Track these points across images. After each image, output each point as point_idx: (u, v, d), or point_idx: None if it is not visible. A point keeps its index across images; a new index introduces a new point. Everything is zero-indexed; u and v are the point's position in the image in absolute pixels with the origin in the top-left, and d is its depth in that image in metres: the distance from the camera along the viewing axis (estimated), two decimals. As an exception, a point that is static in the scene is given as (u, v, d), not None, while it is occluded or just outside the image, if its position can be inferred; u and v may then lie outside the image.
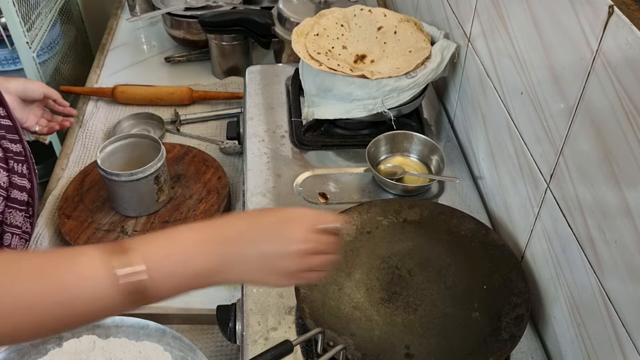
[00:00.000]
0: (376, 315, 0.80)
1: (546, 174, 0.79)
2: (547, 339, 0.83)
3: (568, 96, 0.72)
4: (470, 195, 1.03)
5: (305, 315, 0.76)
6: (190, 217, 1.13)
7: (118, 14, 1.89)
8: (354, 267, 0.86)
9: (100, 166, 1.07)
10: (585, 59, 0.68)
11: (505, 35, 0.89)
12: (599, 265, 0.68)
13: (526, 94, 0.84)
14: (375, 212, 0.92)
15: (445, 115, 1.22)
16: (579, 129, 0.71)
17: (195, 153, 1.27)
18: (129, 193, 1.09)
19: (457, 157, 1.11)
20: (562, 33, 0.73)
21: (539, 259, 0.84)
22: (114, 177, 1.07)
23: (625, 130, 0.61)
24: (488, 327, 0.77)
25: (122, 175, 1.07)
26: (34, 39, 1.54)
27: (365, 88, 1.05)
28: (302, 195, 1.01)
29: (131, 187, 1.08)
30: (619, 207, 0.63)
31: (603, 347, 0.68)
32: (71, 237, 1.09)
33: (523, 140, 0.86)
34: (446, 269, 0.86)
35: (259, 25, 1.44)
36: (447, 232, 0.90)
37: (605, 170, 0.65)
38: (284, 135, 1.14)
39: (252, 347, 0.78)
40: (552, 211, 0.78)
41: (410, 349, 0.76)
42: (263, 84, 1.27)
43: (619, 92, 0.62)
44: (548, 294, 0.82)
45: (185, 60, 1.66)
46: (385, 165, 1.07)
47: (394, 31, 1.16)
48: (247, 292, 0.85)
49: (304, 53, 1.10)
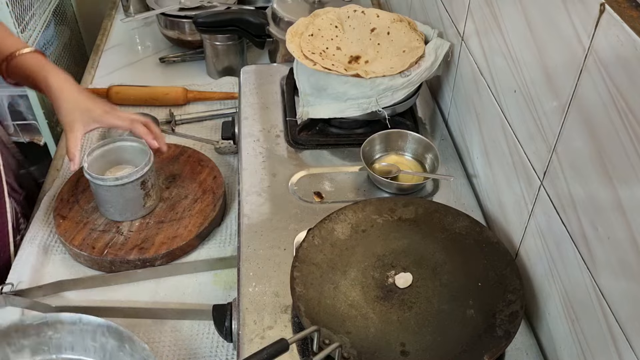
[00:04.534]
0: (372, 313, 0.80)
1: (539, 171, 0.80)
2: (542, 335, 0.83)
3: (561, 94, 0.73)
4: (465, 193, 1.03)
5: (301, 314, 0.76)
6: (185, 217, 1.13)
7: (112, 14, 1.89)
8: (349, 265, 0.86)
9: (87, 170, 1.06)
10: (577, 57, 0.68)
11: (499, 33, 0.90)
12: (592, 262, 0.68)
13: (519, 92, 0.84)
14: (370, 210, 0.92)
15: (439, 113, 1.23)
16: (572, 126, 0.71)
17: (191, 153, 1.27)
18: (115, 198, 1.08)
19: (452, 155, 1.11)
20: (554, 31, 0.74)
21: (533, 256, 0.84)
22: (99, 181, 1.06)
23: (618, 127, 0.61)
24: (483, 324, 0.77)
25: (107, 179, 1.06)
26: (28, 40, 1.54)
27: (360, 87, 1.05)
28: (298, 194, 1.02)
29: (117, 192, 1.07)
30: (611, 204, 0.64)
31: (597, 342, 0.69)
32: (66, 237, 1.09)
33: (517, 138, 0.86)
34: (441, 267, 0.86)
35: (254, 25, 1.44)
36: (442, 230, 0.90)
37: (598, 167, 0.66)
38: (278, 135, 1.14)
39: (248, 345, 0.78)
40: (546, 208, 0.79)
41: (405, 346, 0.76)
42: (258, 84, 1.28)
43: (610, 89, 0.62)
44: (542, 291, 0.82)
45: (180, 60, 1.66)
46: (380, 164, 1.08)
47: (387, 32, 1.16)
48: (243, 291, 0.85)
49: (298, 53, 1.10)
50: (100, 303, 1.03)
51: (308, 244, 0.86)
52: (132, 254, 1.06)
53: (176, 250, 1.09)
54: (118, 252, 1.07)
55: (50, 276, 1.07)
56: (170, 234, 1.10)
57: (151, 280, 1.07)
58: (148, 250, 1.07)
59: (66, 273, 1.08)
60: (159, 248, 1.07)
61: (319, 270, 0.84)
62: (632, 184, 0.60)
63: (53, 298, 1.04)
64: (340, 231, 0.89)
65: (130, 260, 1.06)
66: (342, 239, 0.89)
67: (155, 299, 1.05)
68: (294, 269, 0.82)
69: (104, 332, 0.91)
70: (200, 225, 1.12)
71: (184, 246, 1.10)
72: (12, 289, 1.03)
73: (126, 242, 1.08)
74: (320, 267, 0.84)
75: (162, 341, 0.98)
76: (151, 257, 1.07)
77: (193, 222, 1.12)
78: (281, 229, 0.95)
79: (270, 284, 0.86)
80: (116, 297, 1.05)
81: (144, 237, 1.09)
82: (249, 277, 0.87)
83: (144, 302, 1.04)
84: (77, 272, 1.08)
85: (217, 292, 1.06)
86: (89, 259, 1.07)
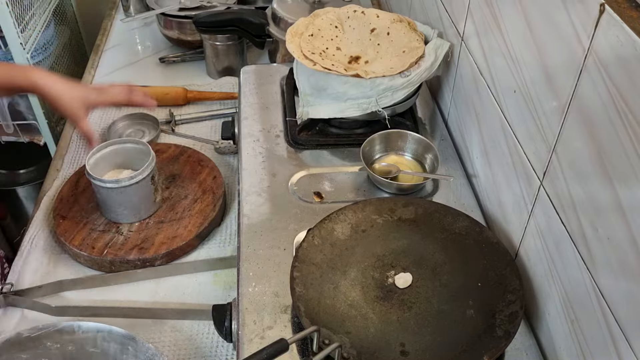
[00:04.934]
0: (371, 313, 0.80)
1: (539, 171, 0.80)
2: (542, 335, 0.83)
3: (560, 94, 0.73)
4: (465, 193, 1.03)
5: (301, 314, 0.76)
6: (185, 216, 1.13)
7: (112, 14, 1.89)
8: (349, 265, 0.86)
9: (99, 178, 1.06)
10: (577, 57, 0.68)
11: (498, 33, 0.90)
12: (592, 262, 0.68)
13: (519, 92, 0.84)
14: (370, 210, 0.92)
15: (439, 114, 1.23)
16: (572, 126, 0.71)
17: (190, 153, 1.27)
18: (129, 197, 1.08)
19: (451, 155, 1.11)
20: (554, 31, 0.74)
21: (533, 256, 0.84)
22: (112, 184, 1.06)
23: (617, 127, 0.61)
24: (483, 324, 0.77)
25: (122, 181, 1.06)
26: (28, 39, 1.54)
27: (360, 87, 1.05)
28: (297, 194, 1.02)
29: (131, 191, 1.07)
30: (611, 204, 0.64)
31: (596, 342, 0.69)
32: (66, 237, 1.09)
33: (516, 138, 0.86)
34: (441, 267, 0.86)
35: (254, 25, 1.44)
36: (442, 230, 0.90)
37: (598, 168, 0.66)
38: (278, 135, 1.14)
39: (247, 346, 0.78)
40: (546, 208, 0.79)
41: (405, 346, 0.76)
42: (257, 84, 1.28)
43: (610, 89, 0.62)
44: (542, 291, 0.82)
45: (180, 60, 1.66)
46: (380, 164, 1.08)
47: (387, 32, 1.16)
48: (243, 291, 0.85)
49: (298, 53, 1.10)
50: (100, 303, 1.03)
51: (308, 244, 0.86)
52: (132, 254, 1.06)
53: (176, 250, 1.09)
54: (118, 252, 1.07)
55: (50, 276, 1.07)
56: (170, 234, 1.10)
57: (151, 280, 1.07)
58: (148, 250, 1.07)
59: (66, 273, 1.08)
60: (158, 248, 1.08)
61: (319, 270, 0.84)
62: (632, 184, 0.60)
63: (53, 298, 1.04)
64: (340, 231, 0.89)
65: (130, 260, 1.06)
66: (342, 239, 0.89)
67: (155, 299, 1.05)
68: (293, 269, 0.82)
69: (104, 337, 0.91)
70: (200, 225, 1.12)
71: (184, 246, 1.10)
72: (12, 289, 1.03)
73: (126, 242, 1.08)
74: (320, 267, 0.84)
75: (162, 341, 0.98)
76: (151, 257, 1.07)
77: (193, 222, 1.12)
78: (281, 229, 0.95)
79: (270, 284, 0.86)
80: (116, 297, 1.05)
81: (144, 237, 1.09)
82: (249, 277, 0.87)
83: (144, 302, 1.04)
84: (77, 272, 1.08)
85: (216, 292, 1.06)
86: (89, 259, 1.07)
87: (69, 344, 0.91)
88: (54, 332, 0.91)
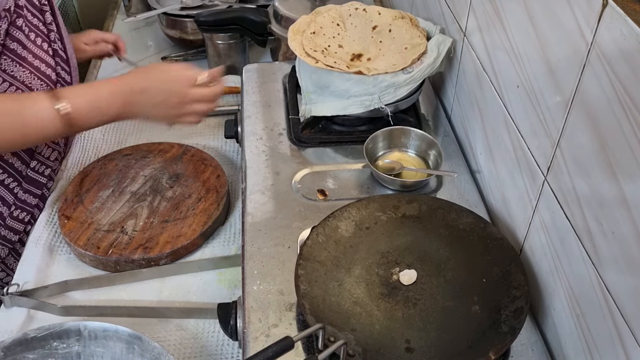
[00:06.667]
0: (376, 310, 0.80)
1: (543, 166, 0.80)
2: (547, 330, 0.83)
3: (564, 89, 0.73)
4: (468, 189, 1.03)
5: (306, 312, 0.76)
6: (189, 215, 1.13)
7: (114, 14, 1.89)
8: (353, 262, 0.86)
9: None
10: (580, 51, 0.68)
11: (501, 29, 0.90)
12: (597, 257, 0.68)
13: (522, 87, 0.84)
14: (374, 207, 0.92)
15: (442, 110, 1.23)
16: (575, 121, 0.71)
17: (194, 152, 1.28)
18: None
19: (455, 151, 1.11)
20: (556, 26, 0.74)
21: (538, 252, 0.84)
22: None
23: (621, 121, 0.61)
24: (488, 320, 0.77)
25: None
26: (31, 40, 1.54)
27: (362, 84, 1.05)
28: (301, 192, 1.02)
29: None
30: (615, 199, 0.63)
31: (602, 337, 0.69)
32: (71, 238, 1.09)
33: (520, 133, 0.86)
34: (445, 263, 0.86)
35: (255, 24, 1.44)
36: (446, 227, 0.90)
37: (602, 162, 0.66)
38: (281, 133, 1.14)
39: (253, 344, 0.78)
40: (550, 204, 0.78)
41: (410, 343, 0.76)
42: (260, 82, 1.28)
43: (614, 83, 0.62)
44: (547, 287, 0.82)
45: (182, 59, 1.66)
46: (383, 161, 1.08)
47: (388, 29, 1.16)
48: (248, 289, 0.86)
49: (300, 51, 1.10)
50: (105, 303, 1.04)
51: (312, 241, 0.86)
52: (137, 253, 1.07)
53: (180, 249, 1.09)
54: (123, 252, 1.07)
55: (56, 276, 1.08)
56: (174, 233, 1.10)
57: (156, 279, 1.08)
58: (152, 250, 1.07)
59: (71, 273, 1.09)
60: (163, 247, 1.08)
61: (323, 267, 0.84)
62: (636, 178, 0.60)
63: (59, 298, 1.05)
64: (344, 228, 0.89)
65: (135, 259, 1.06)
66: (346, 237, 0.89)
67: (160, 298, 1.05)
68: (298, 267, 0.82)
69: (110, 336, 0.91)
70: (204, 224, 1.12)
71: (188, 245, 1.10)
72: (18, 290, 1.03)
73: (130, 242, 1.08)
74: (324, 264, 0.84)
75: (167, 340, 0.98)
76: (156, 256, 1.07)
77: (197, 221, 1.12)
78: (285, 227, 0.95)
79: (275, 282, 0.86)
80: (121, 297, 1.05)
81: (148, 237, 1.09)
82: (254, 275, 0.87)
83: (149, 301, 1.05)
84: (82, 272, 1.09)
85: (221, 291, 1.06)
86: (94, 258, 1.07)
87: (75, 344, 0.92)
88: (60, 332, 0.91)
